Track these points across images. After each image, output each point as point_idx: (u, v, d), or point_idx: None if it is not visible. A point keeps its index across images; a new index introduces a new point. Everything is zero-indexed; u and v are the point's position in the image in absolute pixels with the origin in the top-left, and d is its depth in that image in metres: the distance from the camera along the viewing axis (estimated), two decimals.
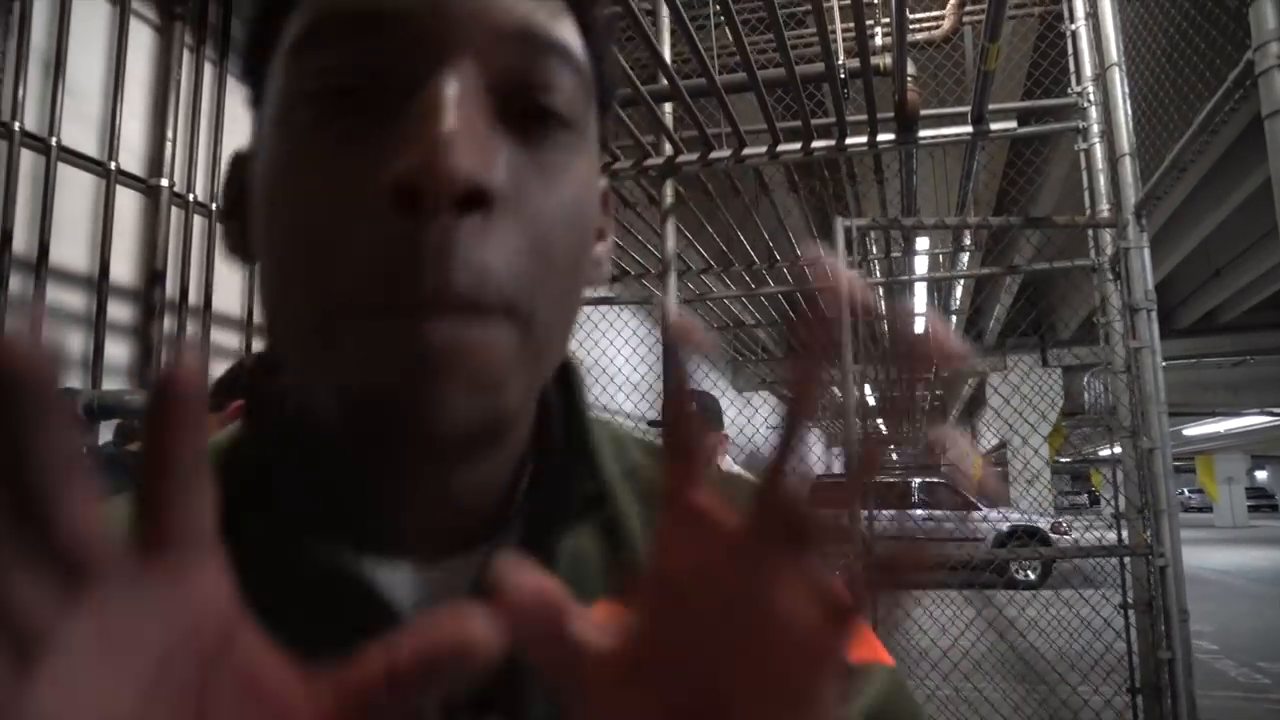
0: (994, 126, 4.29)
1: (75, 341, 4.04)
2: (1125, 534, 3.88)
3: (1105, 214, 3.85)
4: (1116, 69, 3.77)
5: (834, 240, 3.55)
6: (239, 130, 5.09)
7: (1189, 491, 45.24)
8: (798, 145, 4.54)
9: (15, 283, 3.75)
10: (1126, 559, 3.80)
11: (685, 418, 0.37)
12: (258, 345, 5.14)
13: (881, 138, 4.43)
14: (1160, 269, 12.39)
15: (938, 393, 16.63)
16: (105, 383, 4.06)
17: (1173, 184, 3.46)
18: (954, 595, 5.63)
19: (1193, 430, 27.69)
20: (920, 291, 10.03)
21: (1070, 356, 14.56)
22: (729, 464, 3.04)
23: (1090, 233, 4.29)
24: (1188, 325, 15.75)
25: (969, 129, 4.32)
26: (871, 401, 20.21)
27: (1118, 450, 4.08)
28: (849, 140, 4.48)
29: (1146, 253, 3.61)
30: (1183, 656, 3.53)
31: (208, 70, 4.84)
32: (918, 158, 4.78)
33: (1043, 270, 4.16)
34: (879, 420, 2.84)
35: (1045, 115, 4.59)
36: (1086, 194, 4.25)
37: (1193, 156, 3.23)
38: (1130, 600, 3.86)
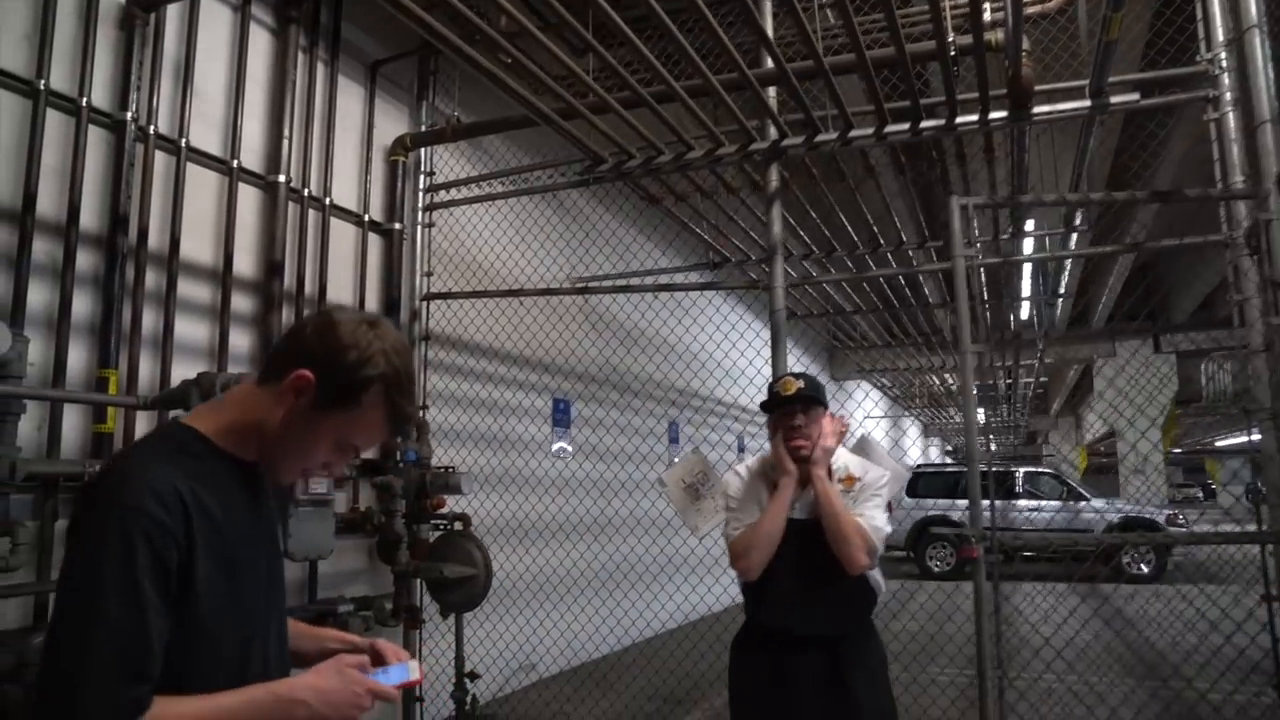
0: (1114, 99, 4.11)
1: (203, 331, 4.22)
2: (1265, 523, 3.70)
3: (1240, 186, 3.66)
4: (1256, 31, 3.57)
5: (949, 219, 3.45)
6: (350, 126, 5.24)
7: None
8: (906, 126, 4.44)
9: (150, 277, 3.93)
10: (1270, 547, 3.62)
11: None
12: None
13: (993, 115, 4.30)
14: None
15: (1043, 379, 16.10)
16: (230, 370, 4.23)
17: None
18: (1060, 587, 5.42)
19: None
20: (1027, 274, 9.72)
21: (1186, 341, 13.93)
22: (841, 451, 3.00)
23: (1222, 207, 4.08)
24: None
25: (1087, 103, 4.15)
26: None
27: (1255, 438, 3.88)
28: (959, 119, 4.36)
29: None
30: None
31: (320, 70, 4.99)
32: (1030, 135, 4.62)
33: (1168, 247, 3.98)
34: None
35: (1168, 86, 4.39)
36: (1217, 165, 4.05)
37: None
38: (1275, 592, 3.67)
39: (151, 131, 3.93)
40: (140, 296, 3.85)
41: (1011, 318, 11.53)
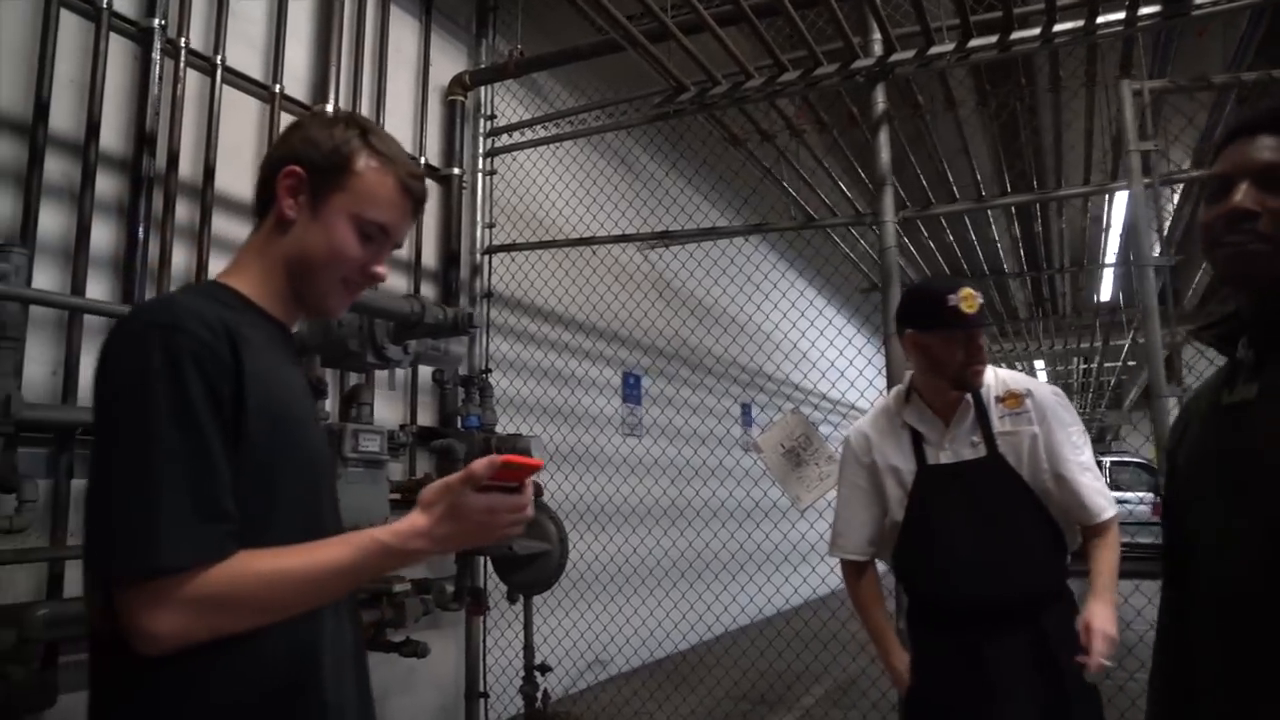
0: None
1: None
2: None
3: None
4: None
5: (1120, 109, 2.86)
6: (403, 61, 4.78)
7: None
8: (1036, 31, 3.83)
9: (182, 209, 3.48)
10: None
11: None
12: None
13: (1144, 11, 3.68)
14: None
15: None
16: None
17: None
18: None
19: None
20: (1114, 238, 8.91)
21: None
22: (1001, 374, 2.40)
23: None
24: None
25: None
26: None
27: None
28: (1100, 19, 3.74)
29: None
30: None
31: None
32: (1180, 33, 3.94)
33: None
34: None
35: None
36: None
37: None
38: None
39: (183, 45, 3.48)
40: (170, 229, 3.39)
41: (1097, 290, 10.76)
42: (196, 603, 1.06)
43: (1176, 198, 7.47)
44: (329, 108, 4.06)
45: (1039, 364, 19.53)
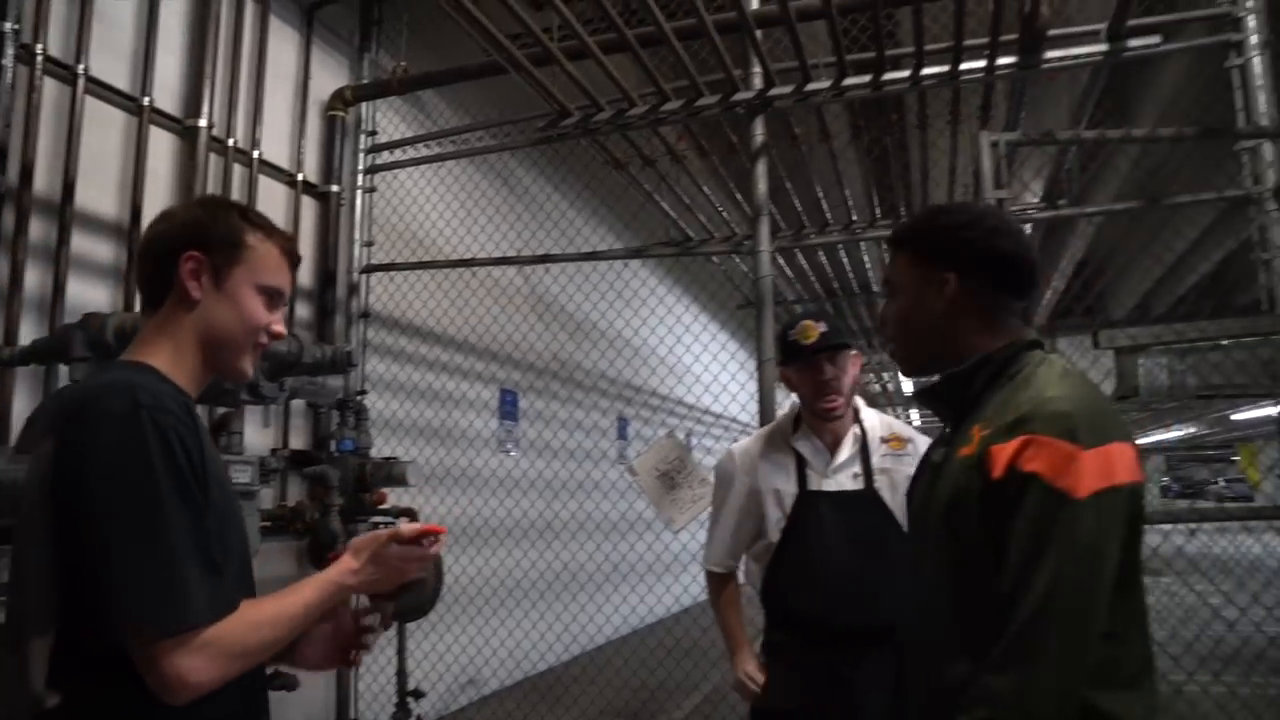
0: (1133, 43, 3.75)
1: (103, 295, 3.58)
2: None
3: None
4: None
5: (978, 157, 3.05)
6: (282, 74, 4.65)
7: None
8: (906, 74, 4.03)
9: (37, 227, 3.29)
10: None
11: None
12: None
13: (1001, 61, 3.92)
14: None
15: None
16: None
17: None
18: None
19: None
20: None
21: (1124, 338, 13.78)
22: (860, 405, 2.53)
23: (1246, 159, 3.74)
24: None
25: (1103, 47, 3.78)
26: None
27: None
28: (963, 66, 3.97)
29: None
30: None
31: (250, 7, 4.36)
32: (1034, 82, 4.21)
33: (1185, 203, 3.63)
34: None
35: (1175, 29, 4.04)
36: (1241, 114, 3.70)
37: None
38: None
39: (39, 51, 3.29)
40: (23, 249, 3.20)
41: None
42: (222, 650, 1.23)
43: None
44: (202, 122, 3.93)
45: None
